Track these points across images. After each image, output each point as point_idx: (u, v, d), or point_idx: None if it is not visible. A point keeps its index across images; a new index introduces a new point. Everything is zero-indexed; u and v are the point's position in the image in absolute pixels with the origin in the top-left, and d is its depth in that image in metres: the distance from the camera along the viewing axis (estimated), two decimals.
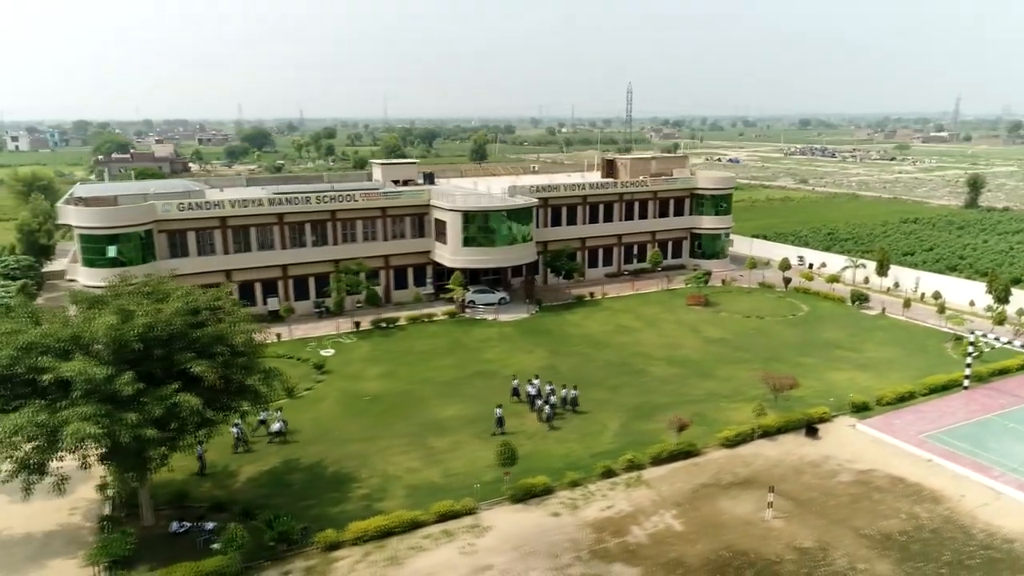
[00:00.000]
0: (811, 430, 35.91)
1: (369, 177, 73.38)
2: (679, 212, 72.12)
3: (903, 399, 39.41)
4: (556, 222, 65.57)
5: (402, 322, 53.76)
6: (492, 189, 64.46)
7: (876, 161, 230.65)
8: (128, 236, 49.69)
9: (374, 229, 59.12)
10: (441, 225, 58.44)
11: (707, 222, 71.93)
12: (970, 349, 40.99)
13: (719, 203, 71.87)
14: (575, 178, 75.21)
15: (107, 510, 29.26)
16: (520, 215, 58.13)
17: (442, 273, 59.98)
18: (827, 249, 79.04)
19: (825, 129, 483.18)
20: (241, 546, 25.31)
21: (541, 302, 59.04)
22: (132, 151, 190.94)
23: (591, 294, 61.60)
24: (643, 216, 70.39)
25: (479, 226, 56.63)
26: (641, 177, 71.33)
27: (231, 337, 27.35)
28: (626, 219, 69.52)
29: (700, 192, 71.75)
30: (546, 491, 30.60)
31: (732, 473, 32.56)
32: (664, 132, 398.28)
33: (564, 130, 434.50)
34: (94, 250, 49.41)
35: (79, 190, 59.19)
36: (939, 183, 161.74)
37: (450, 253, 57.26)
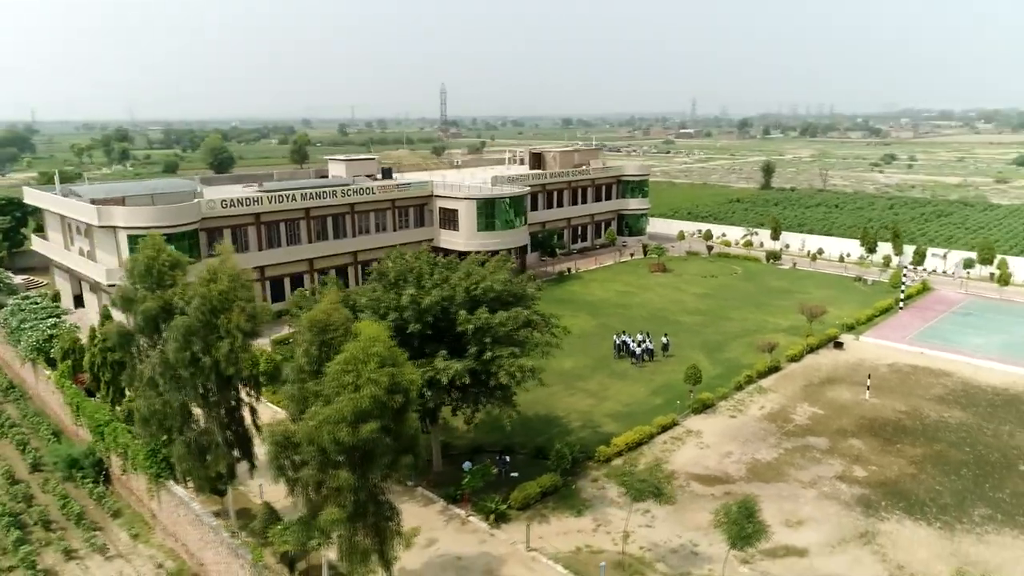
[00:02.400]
0: (837, 344, 48.71)
1: (324, 175, 74.97)
2: (608, 196, 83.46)
3: (870, 319, 53.99)
4: (533, 207, 73.31)
5: None
6: (467, 181, 70.34)
7: (655, 155, 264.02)
8: (181, 235, 48.87)
9: (384, 221, 62.54)
10: (450, 213, 63.56)
11: (633, 204, 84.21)
12: (905, 281, 56.97)
13: (641, 187, 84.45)
14: (514, 170, 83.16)
15: None
16: (519, 202, 65.26)
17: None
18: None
19: (586, 128, 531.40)
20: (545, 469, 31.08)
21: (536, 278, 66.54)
22: None
23: (569, 269, 70.46)
24: (584, 201, 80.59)
25: (489, 213, 62.82)
26: (584, 167, 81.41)
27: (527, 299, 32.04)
28: (573, 204, 79.19)
29: (626, 178, 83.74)
30: (710, 405, 39.42)
31: (815, 376, 43.99)
32: (452, 132, 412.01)
33: (353, 131, 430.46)
34: None
35: (84, 191, 55.06)
36: (722, 171, 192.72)
37: (465, 239, 62.69)
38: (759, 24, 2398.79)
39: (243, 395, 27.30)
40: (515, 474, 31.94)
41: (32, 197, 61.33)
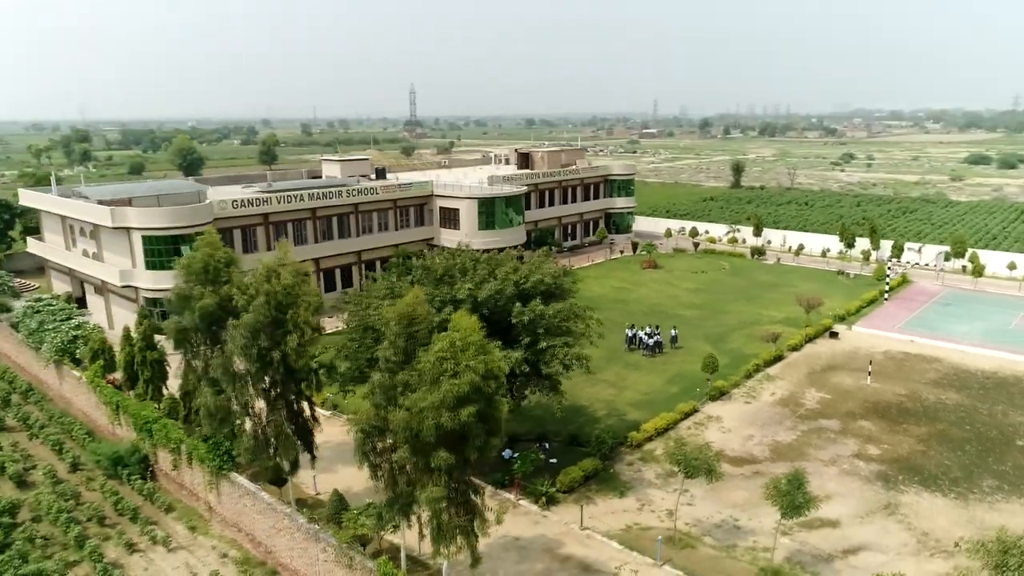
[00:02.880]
0: (833, 334, 51.33)
1: (316, 175, 75.40)
2: (596, 196, 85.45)
3: (859, 310, 56.83)
4: (526, 206, 74.74)
5: None
6: (463, 181, 71.55)
7: (622, 155, 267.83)
8: (195, 236, 48.97)
9: (386, 220, 63.40)
10: (451, 213, 64.71)
11: (619, 203, 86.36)
12: (889, 274, 60.08)
13: (627, 187, 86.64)
14: (503, 170, 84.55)
15: None
16: (517, 201, 66.72)
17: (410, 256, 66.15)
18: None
19: (550, 128, 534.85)
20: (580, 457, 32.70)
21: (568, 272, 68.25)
22: None
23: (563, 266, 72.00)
24: (574, 200, 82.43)
25: (489, 212, 64.14)
26: (571, 166, 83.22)
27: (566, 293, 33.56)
28: (563, 203, 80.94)
29: (613, 178, 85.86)
30: (725, 392, 41.47)
31: (816, 363, 46.43)
32: (418, 132, 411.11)
33: (316, 131, 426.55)
34: (162, 252, 48.04)
35: (90, 191, 54.73)
36: (690, 170, 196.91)
37: (466, 236, 63.80)
38: (716, 25, 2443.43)
39: (303, 388, 28.27)
40: (553, 460, 33.45)
41: (29, 199, 60.62)
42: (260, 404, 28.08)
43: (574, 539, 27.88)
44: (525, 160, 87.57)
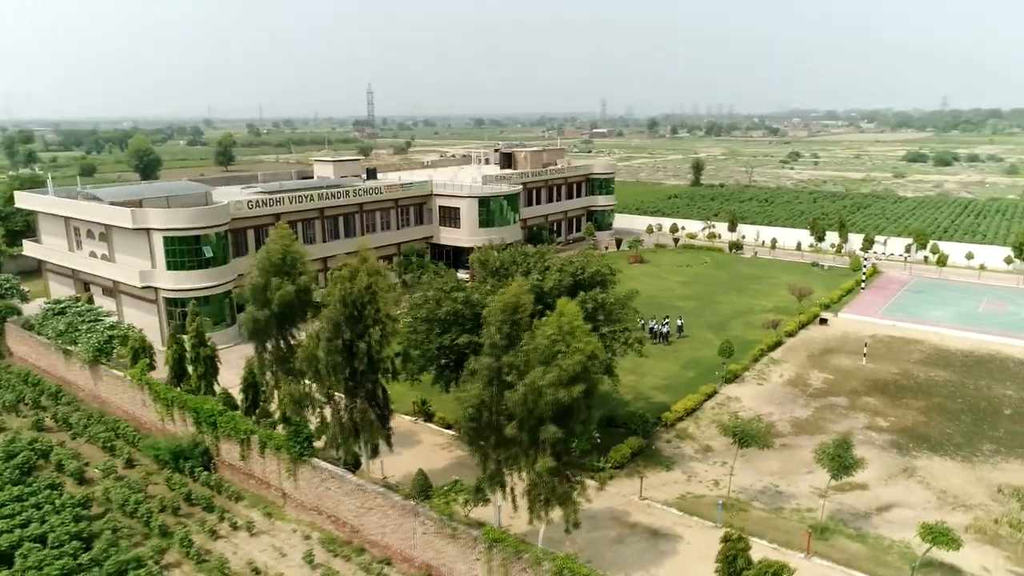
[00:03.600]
0: (822, 320, 55.19)
1: (305, 176, 76.11)
2: (579, 194, 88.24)
3: (840, 299, 60.99)
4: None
5: None
6: (454, 180, 73.32)
7: (577, 154, 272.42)
8: (217, 236, 49.72)
9: (388, 219, 64.75)
10: (451, 211, 66.46)
11: (601, 200, 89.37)
12: (864, 265, 64.59)
13: (608, 185, 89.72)
14: (486, 170, 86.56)
15: None
16: (513, 199, 68.90)
17: (440, 255, 67.86)
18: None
19: (500, 128, 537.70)
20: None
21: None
22: None
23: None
24: (559, 198, 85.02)
25: (489, 210, 66.15)
26: (556, 164, 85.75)
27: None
28: (548, 201, 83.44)
29: (595, 176, 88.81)
30: (738, 375, 44.58)
31: (813, 347, 50.05)
32: (368, 132, 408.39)
33: (263, 131, 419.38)
34: (184, 252, 48.50)
35: (102, 193, 54.53)
36: (648, 168, 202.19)
37: (468, 235, 65.74)
38: (660, 25, 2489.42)
39: (380, 377, 29.93)
40: (598, 439, 35.78)
41: (26, 201, 59.82)
42: (338, 393, 29.65)
43: (636, 508, 30.32)
44: (508, 160, 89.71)
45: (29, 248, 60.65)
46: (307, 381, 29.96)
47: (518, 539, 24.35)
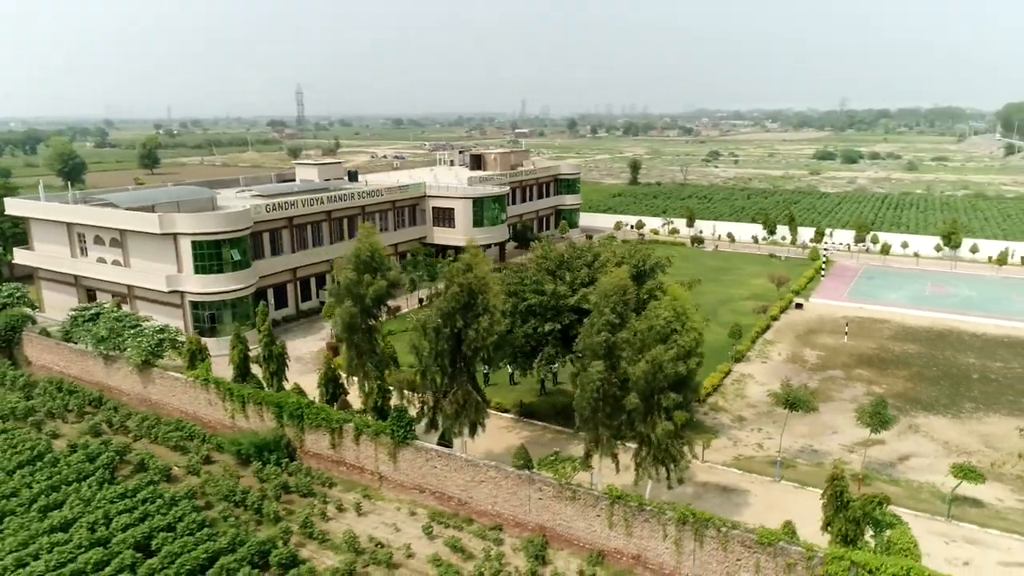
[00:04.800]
0: (798, 305, 61.30)
1: (285, 179, 76.96)
2: (548, 194, 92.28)
3: (805, 286, 67.52)
4: None
5: None
6: (444, 181, 75.94)
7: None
8: (240, 239, 50.71)
9: (387, 220, 66.74)
10: (445, 212, 69.05)
11: (568, 200, 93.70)
12: (824, 255, 71.46)
13: (574, 185, 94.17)
14: (456, 171, 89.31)
15: None
16: (501, 200, 72.15)
17: (433, 254, 70.35)
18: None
19: (421, 128, 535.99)
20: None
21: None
22: None
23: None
24: (531, 198, 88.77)
25: (481, 210, 69.16)
26: (522, 166, 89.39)
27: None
28: (523, 201, 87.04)
29: (563, 177, 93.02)
30: (743, 355, 49.62)
31: (797, 329, 55.87)
32: (287, 132, 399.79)
33: (175, 132, 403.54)
34: (211, 256, 49.31)
35: (117, 198, 54.13)
36: (582, 168, 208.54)
37: (463, 234, 68.39)
38: (574, 24, 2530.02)
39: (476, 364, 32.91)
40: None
41: (18, 208, 58.42)
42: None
43: (701, 470, 34.44)
44: (477, 162, 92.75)
45: (21, 256, 59.25)
46: (408, 368, 32.54)
47: (639, 495, 27.91)
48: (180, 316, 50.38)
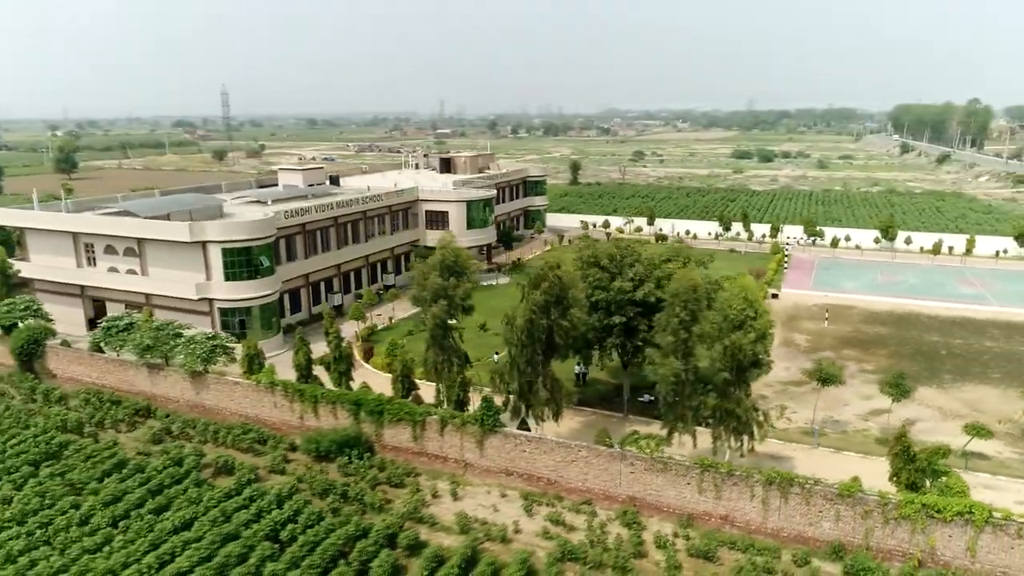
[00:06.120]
0: (774, 295, 67.27)
1: (265, 185, 77.35)
2: (518, 196, 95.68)
3: (773, 278, 73.83)
4: None
5: None
6: (427, 185, 78.01)
7: (437, 155, 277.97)
8: (266, 246, 51.62)
9: (384, 225, 68.43)
10: (437, 215, 71.31)
11: (537, 201, 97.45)
12: (786, 249, 78.13)
13: (541, 187, 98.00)
14: (426, 174, 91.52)
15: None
16: (489, 203, 75.05)
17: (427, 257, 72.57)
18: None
19: (338, 129, 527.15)
20: None
21: (501, 267, 77.15)
22: None
23: (518, 259, 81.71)
24: (505, 200, 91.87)
25: (472, 213, 71.85)
26: (489, 168, 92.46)
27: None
28: (498, 203, 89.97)
29: (531, 179, 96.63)
30: None
31: (779, 316, 61.40)
32: (198, 133, 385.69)
33: (75, 133, 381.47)
34: (240, 263, 50.04)
35: (132, 206, 53.49)
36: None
37: (457, 236, 70.68)
38: (489, 25, 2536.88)
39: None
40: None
41: (11, 218, 56.79)
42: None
43: None
44: (447, 165, 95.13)
45: (20, 267, 57.56)
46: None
47: (728, 463, 31.82)
48: (207, 323, 50.81)
